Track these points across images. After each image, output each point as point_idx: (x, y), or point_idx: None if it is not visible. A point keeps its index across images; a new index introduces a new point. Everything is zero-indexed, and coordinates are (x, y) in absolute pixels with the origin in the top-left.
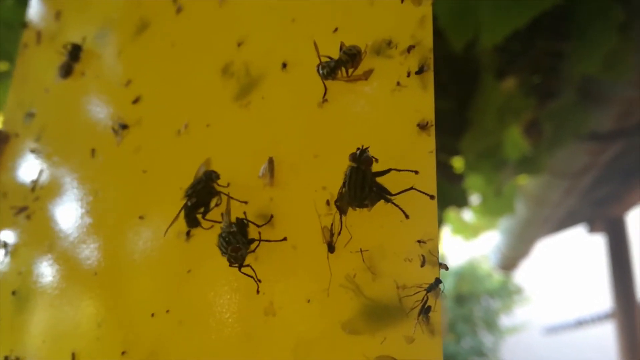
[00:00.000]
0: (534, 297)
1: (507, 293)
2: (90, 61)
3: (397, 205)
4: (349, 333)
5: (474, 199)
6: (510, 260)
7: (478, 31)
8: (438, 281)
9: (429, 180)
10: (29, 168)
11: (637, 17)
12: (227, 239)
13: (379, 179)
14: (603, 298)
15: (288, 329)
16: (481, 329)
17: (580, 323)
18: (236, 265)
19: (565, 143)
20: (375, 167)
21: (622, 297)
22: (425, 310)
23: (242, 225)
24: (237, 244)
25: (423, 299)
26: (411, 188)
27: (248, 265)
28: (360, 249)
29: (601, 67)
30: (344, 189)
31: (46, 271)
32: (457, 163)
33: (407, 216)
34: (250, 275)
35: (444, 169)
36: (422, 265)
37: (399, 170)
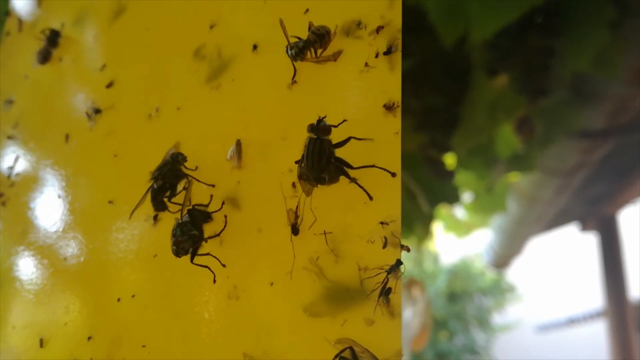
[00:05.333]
0: (526, 295)
1: (500, 291)
2: (68, 47)
3: (360, 186)
4: (310, 316)
5: (466, 196)
6: (503, 258)
7: (468, 27)
8: (399, 262)
9: (394, 162)
10: (6, 155)
11: (629, 15)
12: (174, 231)
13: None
14: (595, 296)
15: (251, 313)
16: (474, 326)
17: (572, 321)
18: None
19: (557, 141)
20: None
21: (613, 295)
22: (385, 292)
23: (195, 215)
24: (182, 236)
25: (384, 280)
26: (372, 165)
27: (207, 254)
28: (324, 231)
29: (593, 64)
30: (303, 163)
31: (19, 258)
32: (448, 160)
33: (370, 197)
34: (204, 266)
35: (434, 165)
36: (384, 246)
37: (358, 139)
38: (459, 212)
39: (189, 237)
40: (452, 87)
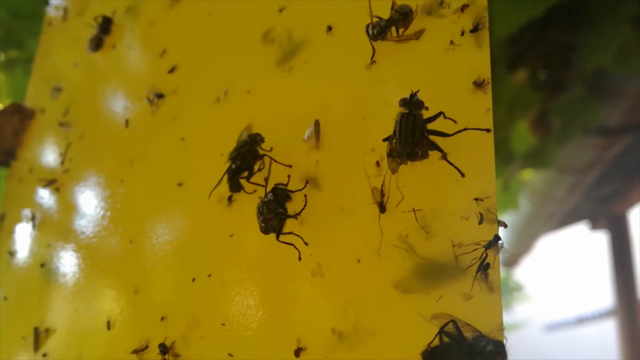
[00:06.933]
0: (534, 294)
1: (508, 290)
2: (121, 33)
3: (451, 164)
4: (402, 292)
5: None
6: (512, 256)
7: (491, 21)
8: (497, 237)
9: (486, 138)
10: (57, 142)
11: None
12: (260, 209)
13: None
14: (604, 295)
15: (337, 290)
16: None
17: (581, 320)
18: (272, 233)
19: (574, 137)
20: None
21: (623, 294)
22: (484, 267)
23: (278, 194)
24: (269, 214)
25: (482, 256)
26: (465, 129)
27: (290, 233)
28: (413, 209)
29: (613, 60)
30: (394, 139)
31: (77, 243)
32: None
33: (462, 174)
34: (290, 243)
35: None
36: (480, 222)
37: (447, 118)
38: None
39: (276, 215)
40: None
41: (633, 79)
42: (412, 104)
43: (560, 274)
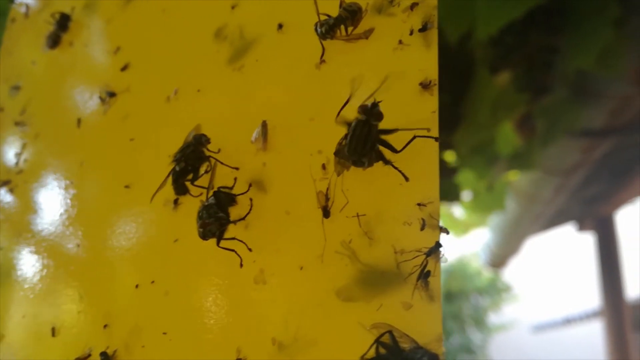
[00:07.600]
0: (522, 295)
1: (496, 291)
2: (79, 31)
3: (396, 168)
4: (343, 300)
5: (465, 195)
6: (500, 257)
7: (473, 24)
8: (438, 245)
9: (432, 143)
10: (13, 141)
11: (633, 13)
12: (200, 213)
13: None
14: (591, 296)
15: (279, 297)
16: (470, 326)
17: (568, 321)
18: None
19: (558, 139)
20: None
21: (610, 295)
22: (424, 275)
23: (221, 197)
24: (209, 218)
25: (422, 263)
26: (414, 137)
27: (233, 238)
28: (357, 214)
29: (595, 62)
30: (344, 141)
31: (27, 246)
32: (449, 157)
33: (406, 179)
34: (231, 249)
35: None
36: (422, 228)
37: (406, 130)
38: (457, 210)
39: (216, 220)
40: (455, 85)
41: (616, 82)
42: (372, 114)
43: (547, 275)
